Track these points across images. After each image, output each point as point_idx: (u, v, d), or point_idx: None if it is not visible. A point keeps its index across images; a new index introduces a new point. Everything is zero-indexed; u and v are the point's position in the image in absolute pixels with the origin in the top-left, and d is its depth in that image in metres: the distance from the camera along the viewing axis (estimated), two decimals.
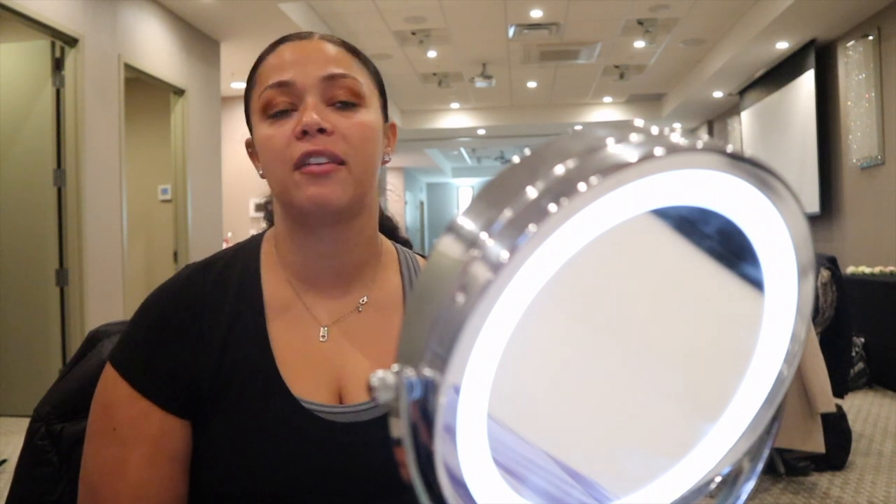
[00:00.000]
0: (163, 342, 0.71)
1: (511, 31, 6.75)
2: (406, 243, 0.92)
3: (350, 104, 0.71)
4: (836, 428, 2.96)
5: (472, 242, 0.28)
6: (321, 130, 0.68)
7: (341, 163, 0.69)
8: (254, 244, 0.79)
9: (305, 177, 0.68)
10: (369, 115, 0.73)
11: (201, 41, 5.75)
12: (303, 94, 0.70)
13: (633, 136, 0.30)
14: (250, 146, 0.77)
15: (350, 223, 0.74)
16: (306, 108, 0.69)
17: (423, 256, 0.88)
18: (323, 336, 0.75)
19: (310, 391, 0.71)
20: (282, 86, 0.70)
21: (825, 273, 3.37)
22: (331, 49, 0.73)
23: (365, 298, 0.77)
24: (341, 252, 0.75)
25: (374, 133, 0.73)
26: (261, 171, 0.75)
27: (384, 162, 0.78)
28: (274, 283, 0.76)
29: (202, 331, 0.71)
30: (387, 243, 0.84)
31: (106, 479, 0.68)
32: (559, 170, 0.28)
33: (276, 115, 0.71)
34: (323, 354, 0.74)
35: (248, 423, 0.69)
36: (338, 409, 0.71)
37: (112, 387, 0.70)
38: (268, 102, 0.71)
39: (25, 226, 4.15)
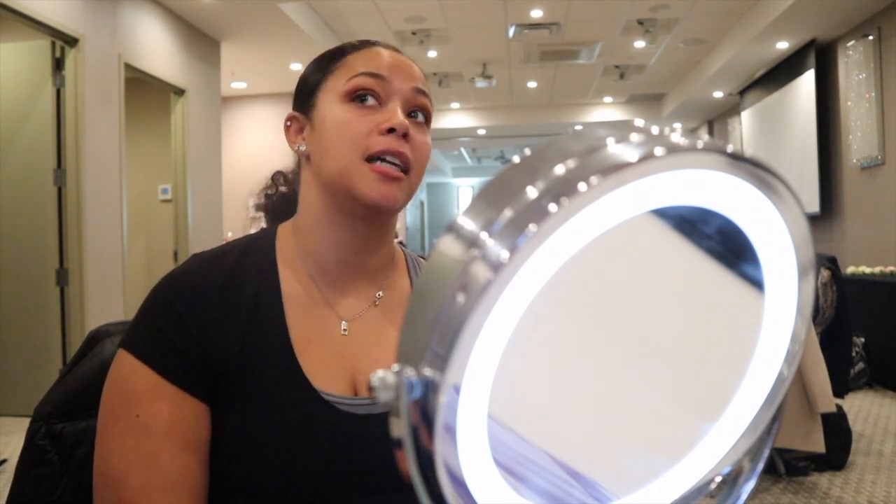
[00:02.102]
0: (182, 327, 0.70)
1: (511, 31, 6.75)
2: (401, 244, 0.94)
3: (421, 123, 0.76)
4: (836, 428, 2.96)
5: (472, 242, 0.28)
6: (404, 135, 0.72)
7: (405, 171, 0.72)
8: (267, 236, 0.79)
9: (376, 175, 0.71)
10: (428, 137, 0.77)
11: (201, 41, 5.75)
12: (392, 95, 0.74)
13: (634, 136, 0.30)
14: (295, 120, 0.79)
15: (383, 224, 0.77)
16: (395, 110, 0.73)
17: (425, 259, 0.89)
18: (345, 330, 0.75)
19: (328, 383, 0.72)
20: (377, 77, 0.73)
21: (825, 273, 3.37)
22: (416, 68, 0.78)
23: (380, 293, 0.79)
24: (368, 250, 0.77)
25: (430, 155, 0.77)
26: (299, 147, 0.77)
27: None
28: (292, 276, 0.76)
29: (220, 318, 0.71)
30: (396, 246, 0.86)
31: (133, 469, 0.66)
32: (559, 170, 0.28)
33: (361, 101, 0.73)
34: (340, 347, 0.75)
35: (267, 412, 0.69)
36: (356, 401, 0.72)
37: (130, 373, 0.68)
38: (357, 87, 0.73)
39: (25, 226, 4.15)
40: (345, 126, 0.72)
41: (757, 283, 0.35)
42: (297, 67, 6.42)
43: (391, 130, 0.71)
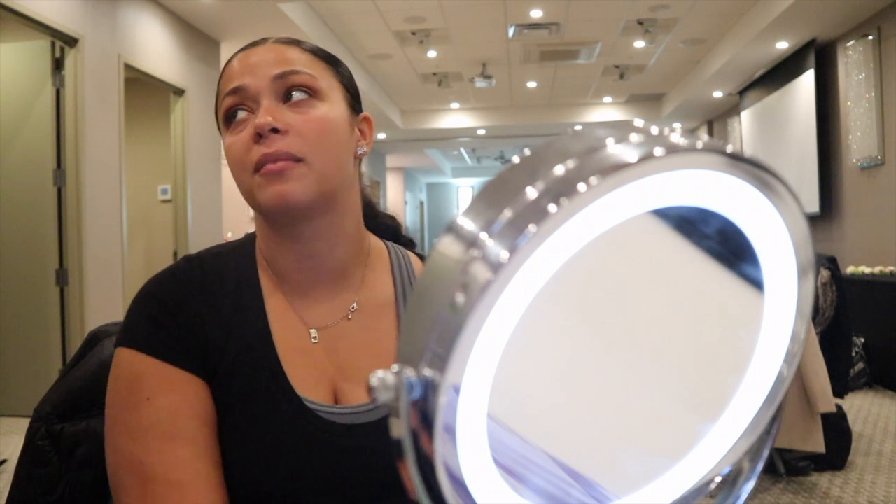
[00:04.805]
0: (171, 315, 0.70)
1: (511, 31, 6.75)
2: (409, 243, 0.91)
3: (305, 99, 0.71)
4: (836, 428, 2.96)
5: (471, 242, 0.28)
6: (274, 130, 0.68)
7: (298, 160, 0.69)
8: (250, 241, 0.80)
9: (265, 178, 0.68)
10: (327, 108, 0.72)
11: (201, 41, 5.75)
12: (257, 96, 0.70)
13: (633, 136, 0.30)
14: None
15: (322, 220, 0.73)
16: (261, 110, 0.69)
17: (420, 256, 0.87)
18: (315, 338, 0.75)
19: (310, 390, 0.71)
20: (236, 92, 0.71)
21: (825, 273, 3.37)
22: (281, 49, 0.73)
23: (354, 305, 0.77)
24: (320, 252, 0.75)
25: (335, 126, 0.72)
26: None
27: (358, 156, 0.77)
28: (269, 281, 0.76)
29: (202, 314, 0.71)
30: (377, 243, 0.83)
31: (153, 445, 0.65)
32: (559, 170, 0.28)
33: (235, 122, 0.71)
34: (318, 355, 0.74)
35: (251, 419, 0.69)
36: (337, 409, 0.71)
37: (132, 364, 0.68)
38: (227, 110, 0.72)
39: (25, 226, 4.15)
40: (230, 151, 0.71)
41: (757, 284, 0.35)
42: None
43: (261, 136, 0.68)
